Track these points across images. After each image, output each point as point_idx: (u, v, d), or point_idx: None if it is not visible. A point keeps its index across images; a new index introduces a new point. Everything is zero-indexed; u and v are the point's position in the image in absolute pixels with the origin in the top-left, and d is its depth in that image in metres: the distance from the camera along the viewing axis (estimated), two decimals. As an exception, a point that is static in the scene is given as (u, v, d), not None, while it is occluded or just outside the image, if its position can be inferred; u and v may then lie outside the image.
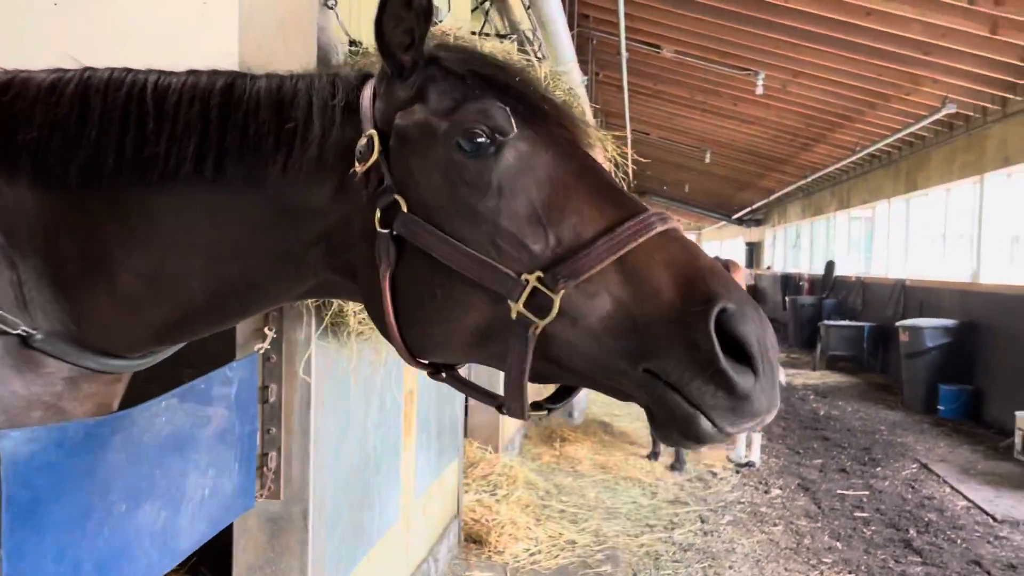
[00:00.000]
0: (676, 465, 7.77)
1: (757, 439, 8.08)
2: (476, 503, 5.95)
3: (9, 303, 1.46)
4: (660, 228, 1.26)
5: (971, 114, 11.51)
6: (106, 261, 1.47)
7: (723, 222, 34.59)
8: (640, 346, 1.19)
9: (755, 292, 29.39)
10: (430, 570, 4.75)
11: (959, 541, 6.01)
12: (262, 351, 2.74)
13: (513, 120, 1.29)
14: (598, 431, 9.11)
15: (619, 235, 1.22)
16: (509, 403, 1.29)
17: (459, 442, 5.52)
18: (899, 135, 13.09)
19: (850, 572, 5.39)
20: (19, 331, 1.44)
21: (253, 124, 1.40)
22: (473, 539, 5.53)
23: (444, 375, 1.47)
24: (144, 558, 1.92)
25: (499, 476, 6.60)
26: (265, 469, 2.90)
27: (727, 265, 18.94)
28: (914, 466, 8.25)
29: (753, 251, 32.09)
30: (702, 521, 6.33)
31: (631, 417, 9.87)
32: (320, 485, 3.00)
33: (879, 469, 8.10)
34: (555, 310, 1.20)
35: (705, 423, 1.15)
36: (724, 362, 1.13)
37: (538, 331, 1.21)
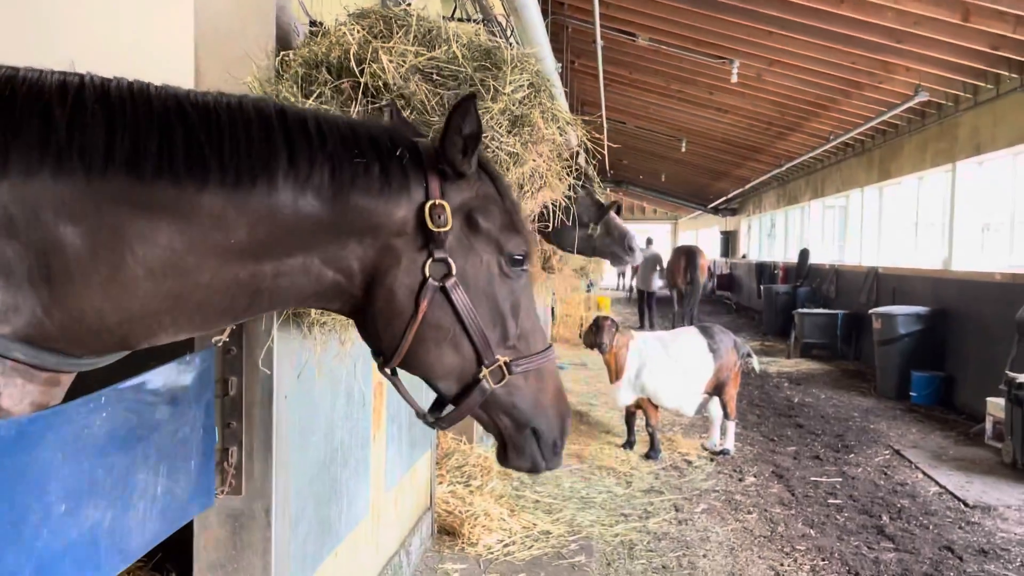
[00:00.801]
0: (651, 454, 7.76)
1: (731, 427, 8.08)
2: (449, 494, 5.89)
3: None
4: (555, 357, 2.00)
5: (943, 102, 11.58)
6: (117, 250, 1.45)
7: (699, 211, 34.73)
8: (534, 415, 1.91)
9: (731, 280, 29.58)
10: (402, 563, 4.69)
11: (931, 527, 6.04)
12: (220, 343, 2.66)
13: None
14: (574, 420, 9.05)
15: (546, 355, 1.93)
16: (445, 423, 1.95)
17: (432, 433, 5.45)
18: (872, 123, 13.15)
19: (823, 559, 5.39)
20: None
21: (321, 152, 1.63)
22: (446, 531, 5.47)
23: (392, 374, 1.92)
24: (91, 559, 1.83)
25: (473, 467, 6.54)
26: (226, 464, 2.81)
27: (694, 251, 19.68)
28: (887, 452, 8.31)
29: (729, 240, 32.24)
30: (677, 510, 6.32)
31: (607, 407, 9.86)
32: (283, 480, 2.92)
33: (852, 456, 8.14)
34: (504, 382, 1.85)
35: (542, 463, 1.96)
36: (561, 440, 1.97)
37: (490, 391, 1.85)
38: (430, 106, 2.47)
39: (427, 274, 1.72)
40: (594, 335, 7.76)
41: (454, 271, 1.75)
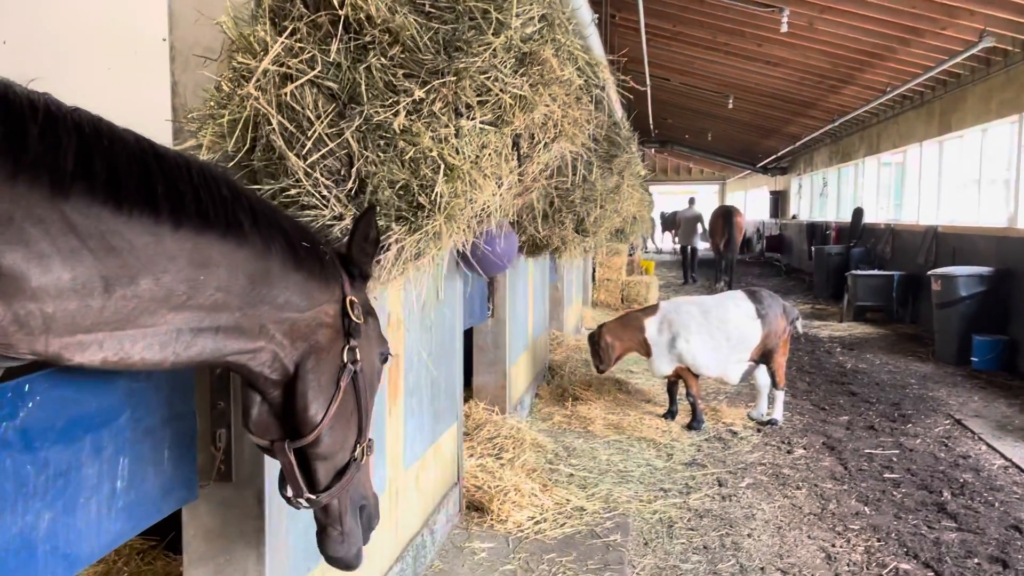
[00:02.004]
0: (693, 424, 7.41)
1: (780, 396, 7.69)
2: (479, 468, 5.65)
3: None
4: None
5: (1010, 48, 10.79)
6: (84, 262, 1.38)
7: (747, 171, 33.76)
8: (366, 494, 2.15)
9: (780, 241, 28.74)
10: (425, 543, 4.46)
11: (997, 504, 5.61)
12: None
13: None
14: (612, 389, 8.76)
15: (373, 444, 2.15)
16: (325, 497, 1.99)
17: (458, 405, 5.20)
18: (932, 73, 12.39)
19: (879, 539, 5.02)
20: None
21: (277, 225, 1.76)
22: (475, 507, 5.24)
23: (282, 453, 1.95)
24: (24, 568, 1.59)
25: (505, 439, 6.29)
26: (214, 448, 2.58)
27: (731, 211, 19.83)
28: (947, 422, 7.83)
29: (778, 200, 31.30)
30: (720, 485, 5.99)
31: (647, 374, 9.52)
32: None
33: (910, 426, 7.69)
34: (364, 462, 2.07)
35: (361, 553, 2.14)
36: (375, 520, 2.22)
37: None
38: (422, 43, 2.14)
39: (345, 359, 1.93)
40: (592, 356, 7.87)
41: (359, 358, 1.96)
